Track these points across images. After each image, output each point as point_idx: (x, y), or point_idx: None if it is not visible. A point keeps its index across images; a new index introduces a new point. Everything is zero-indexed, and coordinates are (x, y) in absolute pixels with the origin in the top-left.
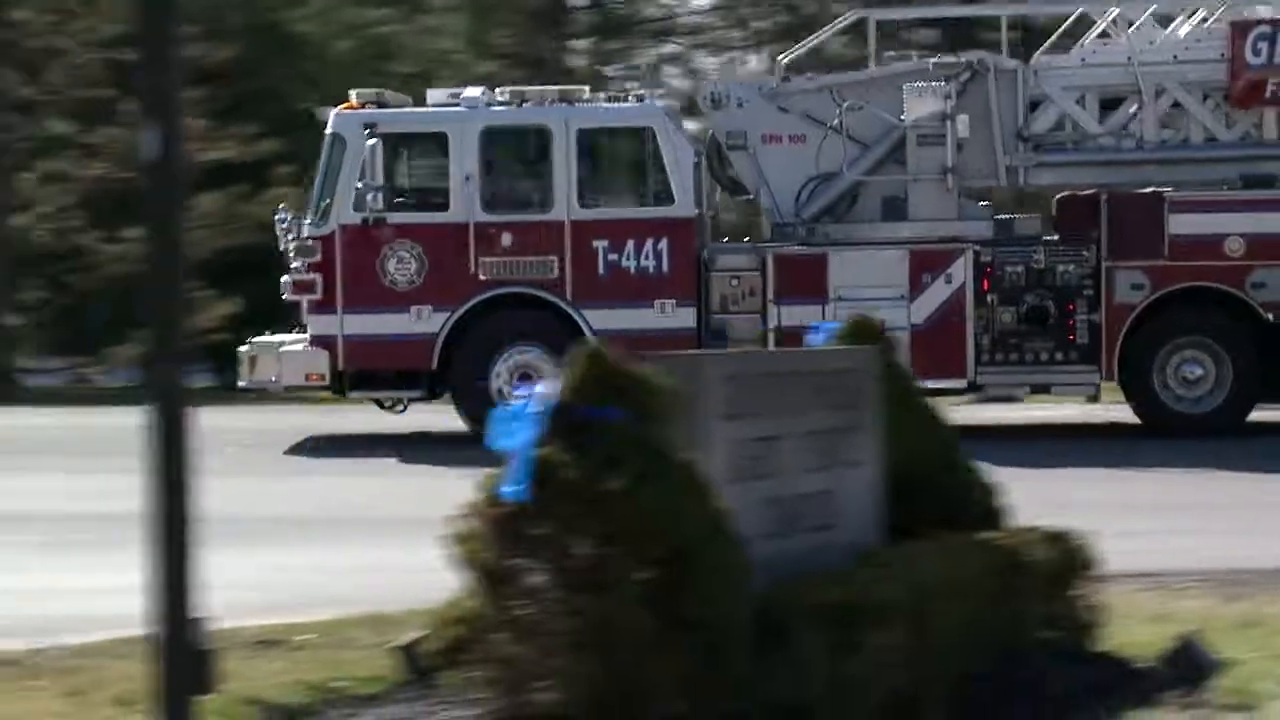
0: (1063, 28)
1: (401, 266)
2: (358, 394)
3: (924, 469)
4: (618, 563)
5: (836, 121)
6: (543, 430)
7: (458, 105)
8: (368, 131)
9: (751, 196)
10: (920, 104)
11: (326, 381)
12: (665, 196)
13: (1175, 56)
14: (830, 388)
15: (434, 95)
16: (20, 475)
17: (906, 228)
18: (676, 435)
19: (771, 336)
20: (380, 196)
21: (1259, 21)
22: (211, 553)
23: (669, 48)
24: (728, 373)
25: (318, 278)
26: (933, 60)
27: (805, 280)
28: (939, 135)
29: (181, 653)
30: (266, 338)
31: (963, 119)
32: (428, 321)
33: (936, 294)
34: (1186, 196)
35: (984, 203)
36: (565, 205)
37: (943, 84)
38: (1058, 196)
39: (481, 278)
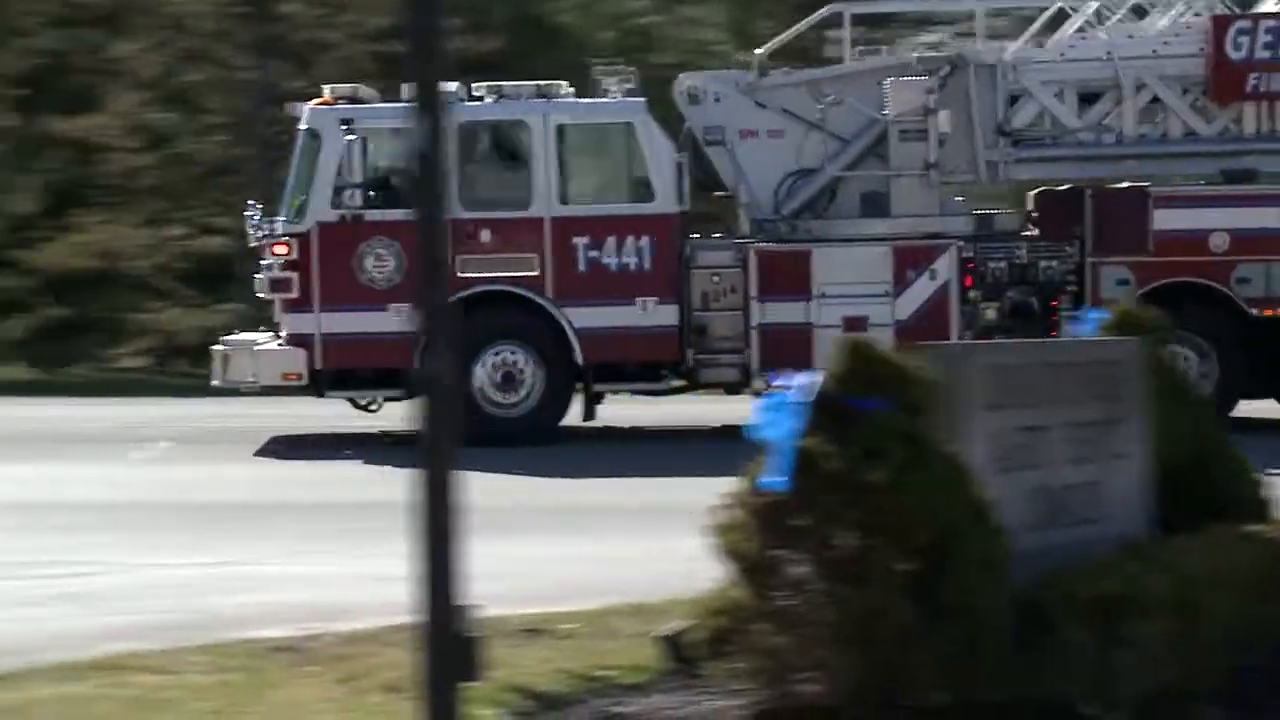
0: (1040, 21)
1: (379, 264)
2: (335, 394)
3: (1191, 461)
4: (879, 553)
5: (818, 117)
6: (805, 421)
7: None
8: (345, 127)
9: (729, 193)
10: (902, 98)
11: (304, 381)
12: (646, 193)
13: (1154, 51)
14: (1096, 379)
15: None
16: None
17: (889, 224)
18: (939, 426)
19: (754, 335)
20: (359, 194)
21: (1239, 15)
22: (476, 542)
23: (932, 36)
24: (991, 363)
25: (294, 276)
26: (915, 54)
27: (788, 277)
28: (921, 130)
29: (448, 640)
30: (239, 336)
31: (944, 114)
32: (406, 319)
33: (921, 290)
34: (1171, 191)
35: (959, 198)
36: (545, 202)
37: (925, 78)
38: (1037, 191)
39: (461, 275)
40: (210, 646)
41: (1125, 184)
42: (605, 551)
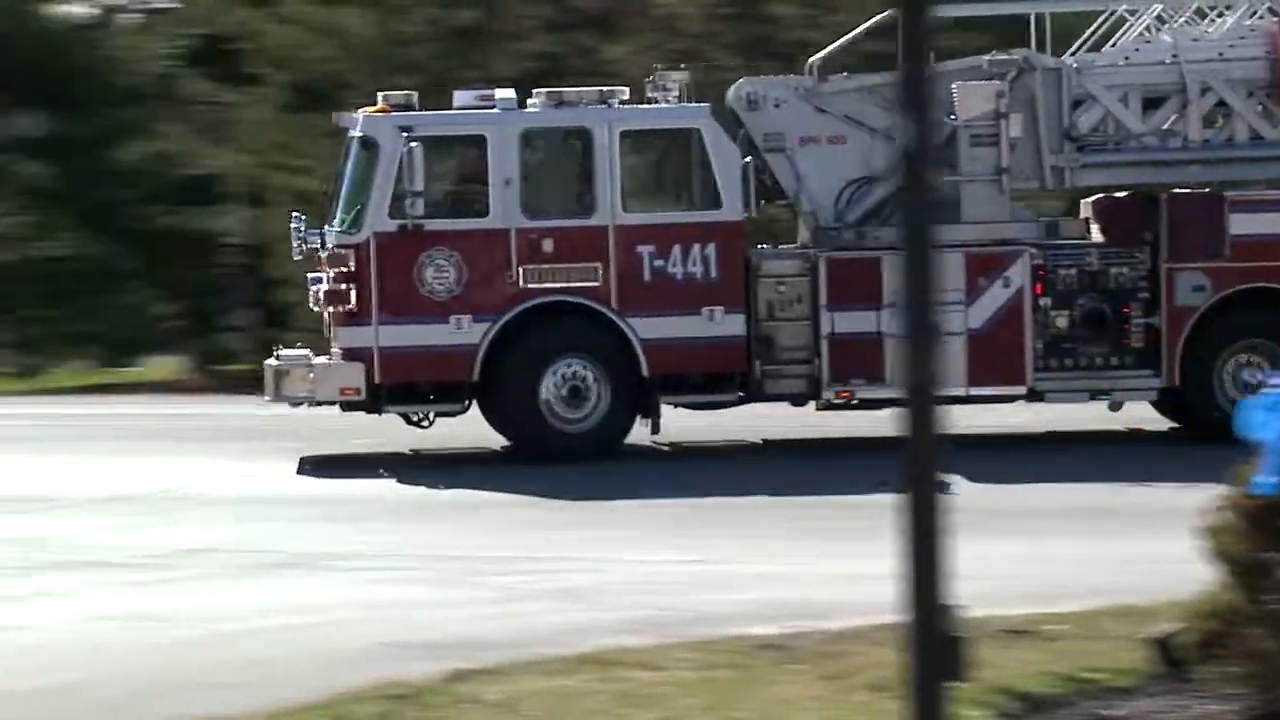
0: (1102, 25)
1: (439, 275)
2: (395, 409)
3: None
4: None
5: (884, 123)
6: None
7: (493, 107)
8: (405, 135)
9: (788, 200)
10: (972, 102)
11: (361, 396)
12: (712, 200)
13: (1220, 54)
14: None
15: (460, 97)
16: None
17: (959, 230)
18: None
19: (825, 345)
20: (420, 202)
21: None
22: (961, 541)
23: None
24: None
25: (350, 288)
26: (986, 58)
27: (859, 285)
28: (991, 135)
29: (934, 640)
30: (291, 351)
31: (1015, 118)
32: (468, 332)
33: (994, 298)
34: (1247, 196)
35: (1019, 204)
36: (609, 210)
37: (995, 82)
38: (1100, 197)
39: (523, 286)
40: (698, 643)
41: (1199, 188)
42: (1089, 552)
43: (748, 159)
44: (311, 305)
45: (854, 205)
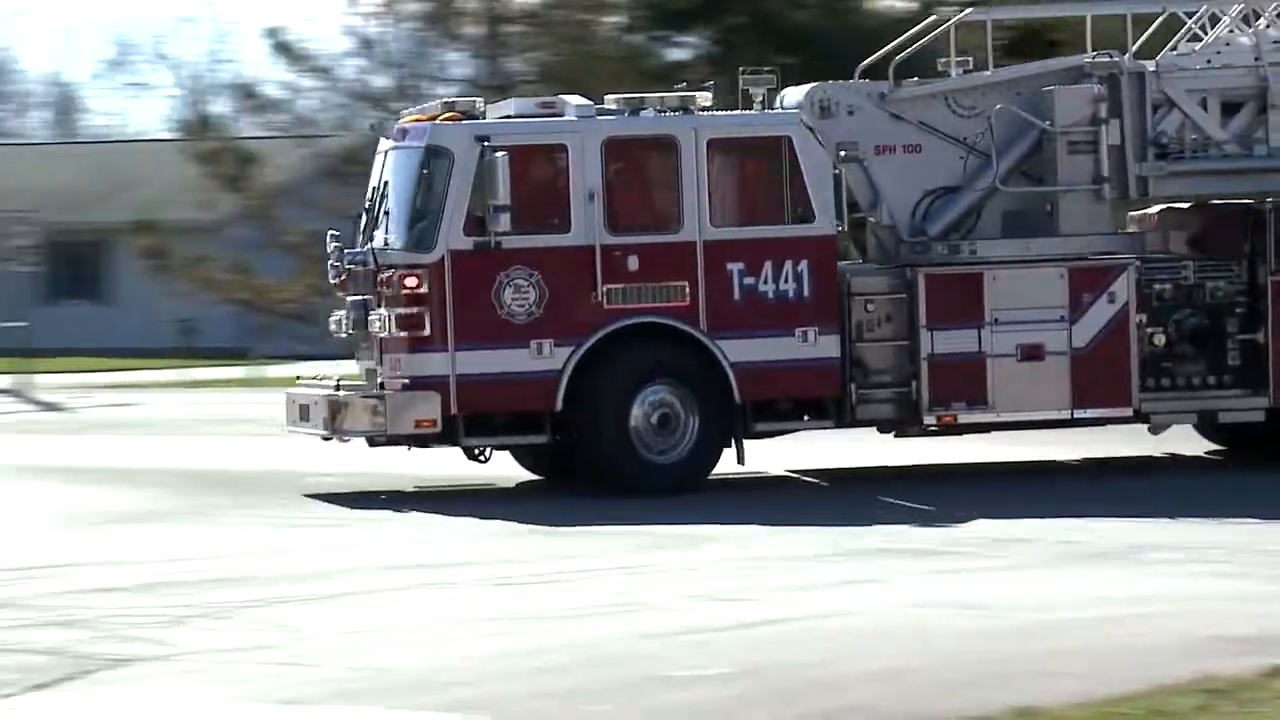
0: (1187, 27)
1: (519, 296)
2: (476, 441)
3: None
4: None
5: (983, 131)
6: None
7: (559, 115)
8: (486, 144)
9: (863, 213)
10: (1071, 107)
11: (438, 428)
12: (804, 213)
13: None
14: None
15: (517, 105)
16: None
17: (1057, 243)
18: None
19: (924, 366)
20: (503, 218)
21: None
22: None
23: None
24: None
25: (424, 311)
26: (1085, 58)
27: (959, 302)
28: (1090, 142)
29: None
30: (313, 381)
31: (1114, 124)
32: (550, 357)
33: (1099, 315)
34: None
35: None
36: (696, 224)
37: (1094, 86)
38: (1162, 209)
39: (607, 306)
40: None
41: None
42: None
43: (839, 169)
44: (341, 331)
45: (934, 218)
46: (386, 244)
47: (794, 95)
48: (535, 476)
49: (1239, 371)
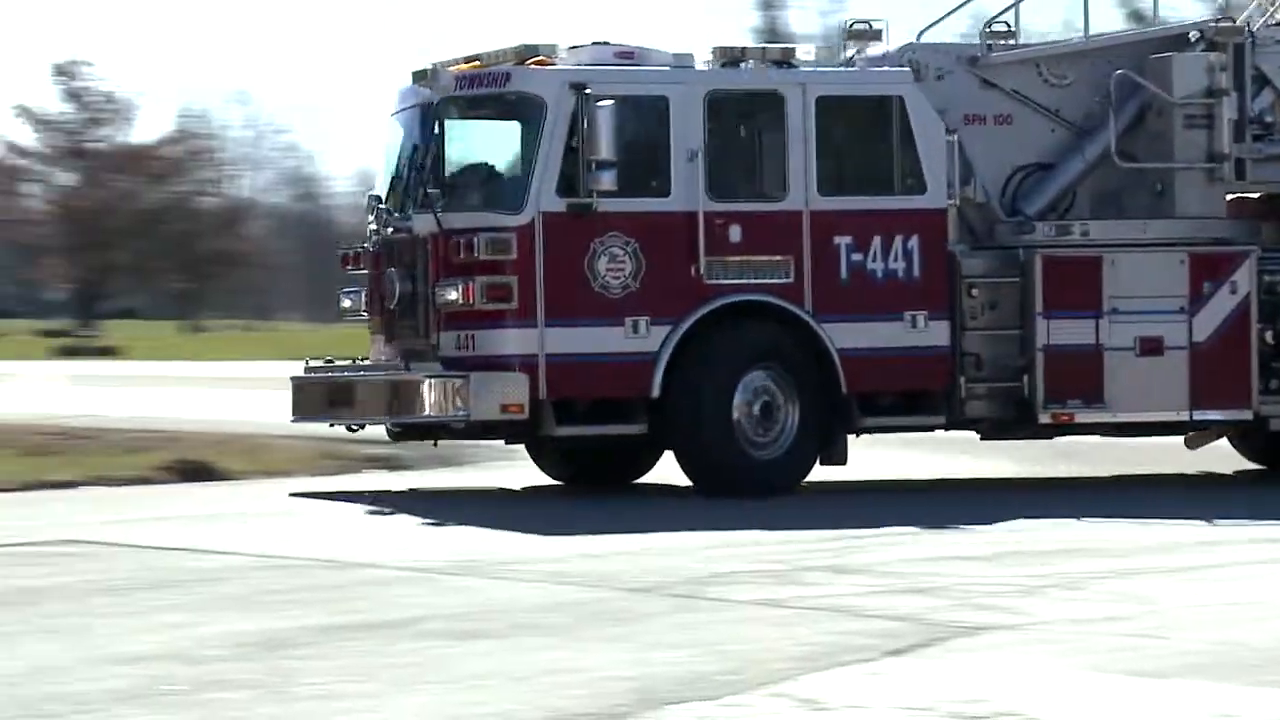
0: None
1: (614, 267)
2: (568, 431)
3: None
4: None
5: (1100, 99)
6: None
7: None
8: (586, 93)
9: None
10: (1190, 77)
11: (525, 414)
12: (916, 183)
13: None
14: None
15: (594, 54)
16: None
17: (1174, 226)
18: None
19: (1040, 358)
20: (607, 176)
21: None
22: None
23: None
24: None
25: (510, 280)
26: (1205, 23)
27: (1077, 289)
28: (1206, 116)
29: None
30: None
31: (1232, 98)
32: (646, 337)
33: (1220, 306)
34: None
35: None
36: (803, 192)
37: (1216, 53)
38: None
39: (707, 281)
40: None
41: None
42: None
43: (953, 134)
44: (360, 308)
45: (1028, 196)
46: (441, 208)
47: (876, 52)
48: (553, 480)
49: None
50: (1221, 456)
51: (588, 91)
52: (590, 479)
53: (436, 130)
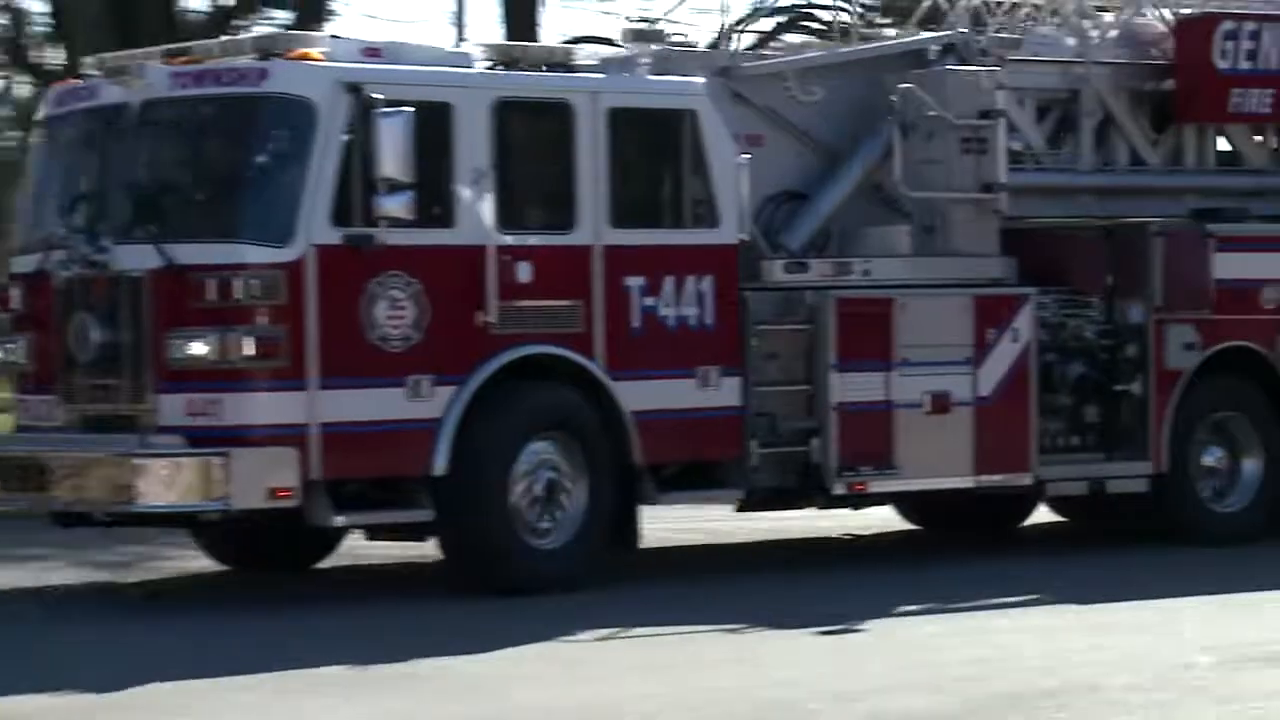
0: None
1: (394, 314)
2: (347, 519)
3: None
4: None
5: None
6: None
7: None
8: (368, 97)
9: None
10: (965, 96)
11: (296, 500)
12: (708, 215)
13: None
14: None
15: (338, 47)
16: None
17: (948, 264)
18: None
19: (833, 418)
20: (400, 200)
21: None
22: None
23: None
24: None
25: (278, 331)
26: (961, 34)
27: (870, 337)
28: (981, 140)
29: None
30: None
31: (1005, 121)
32: (429, 400)
33: (1003, 356)
34: (1234, 232)
35: None
36: (593, 223)
37: (994, 70)
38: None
39: (497, 332)
40: None
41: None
42: None
43: (746, 155)
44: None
45: (790, 228)
46: (162, 239)
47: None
48: (223, 565)
49: (1129, 432)
50: None
51: (370, 95)
52: (265, 562)
53: (153, 140)
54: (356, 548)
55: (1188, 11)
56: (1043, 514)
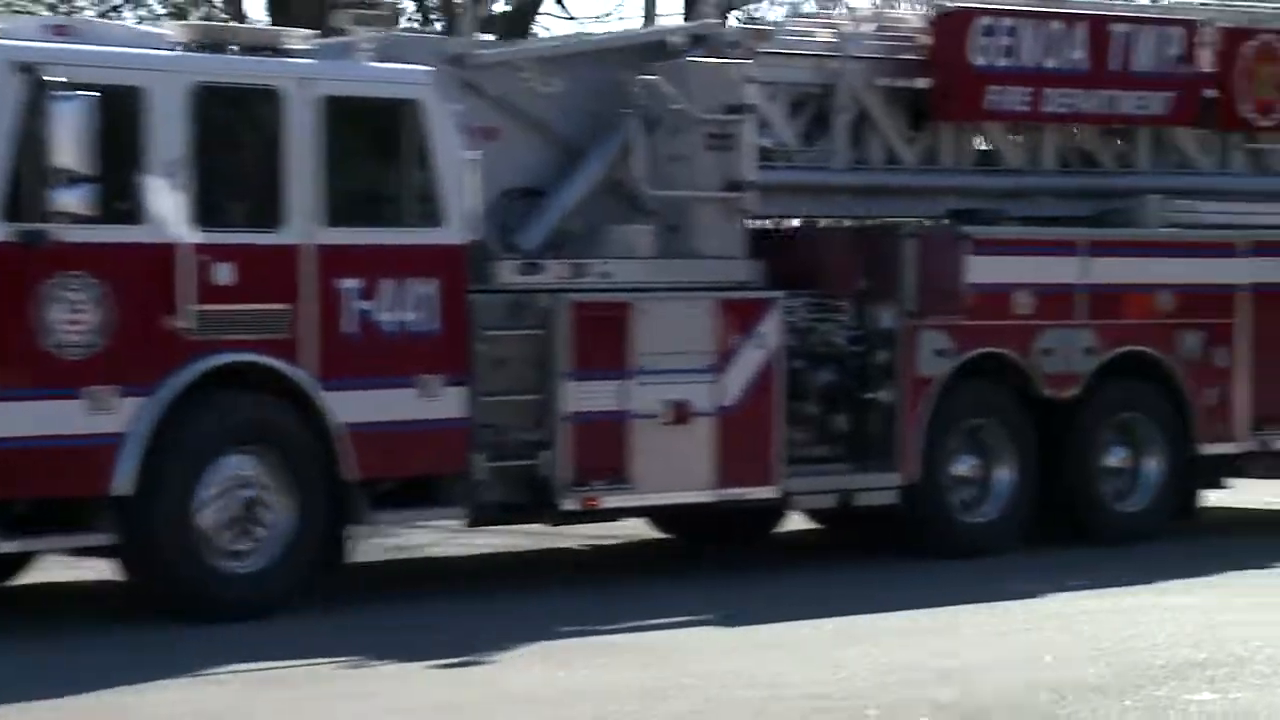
0: None
1: (73, 319)
2: (16, 546)
3: None
4: None
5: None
6: None
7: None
8: (42, 80)
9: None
10: (712, 89)
11: None
12: (433, 213)
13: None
14: None
15: (19, 26)
16: None
17: (691, 267)
18: None
19: (563, 429)
20: (80, 194)
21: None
22: None
23: None
24: None
25: None
26: (705, 25)
27: (607, 344)
28: (728, 136)
29: None
30: None
31: (755, 117)
32: (112, 414)
33: (748, 363)
34: (990, 234)
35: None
36: (305, 222)
37: (744, 61)
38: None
39: (192, 339)
40: None
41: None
42: None
43: (477, 150)
44: None
45: (525, 228)
46: None
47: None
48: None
49: (878, 442)
50: None
51: (45, 78)
52: None
53: None
54: (76, 563)
55: (945, 4)
56: (798, 520)
